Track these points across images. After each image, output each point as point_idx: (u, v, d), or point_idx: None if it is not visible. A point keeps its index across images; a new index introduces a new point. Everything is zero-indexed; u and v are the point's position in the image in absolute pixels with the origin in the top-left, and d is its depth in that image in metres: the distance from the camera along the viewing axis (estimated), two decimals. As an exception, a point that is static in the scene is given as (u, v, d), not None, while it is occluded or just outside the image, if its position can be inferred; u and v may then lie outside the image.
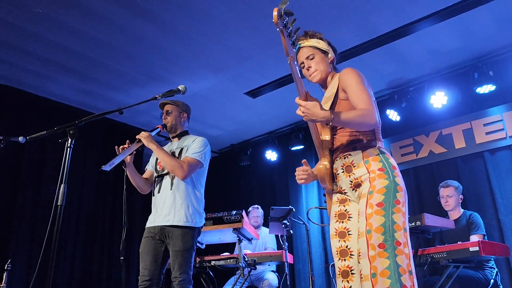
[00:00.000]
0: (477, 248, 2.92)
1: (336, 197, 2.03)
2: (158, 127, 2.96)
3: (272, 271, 4.77)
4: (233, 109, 5.59)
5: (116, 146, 2.74)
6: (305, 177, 2.07)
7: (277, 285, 4.55)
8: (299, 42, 2.09)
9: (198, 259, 4.01)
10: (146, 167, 3.17)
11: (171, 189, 2.85)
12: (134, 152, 2.82)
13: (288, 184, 6.19)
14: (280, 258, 3.95)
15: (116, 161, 2.61)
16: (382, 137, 2.00)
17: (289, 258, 4.13)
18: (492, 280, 3.36)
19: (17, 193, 4.54)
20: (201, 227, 2.93)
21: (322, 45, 2.09)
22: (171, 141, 3.14)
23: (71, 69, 4.46)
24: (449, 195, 3.88)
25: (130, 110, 5.20)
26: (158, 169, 3.01)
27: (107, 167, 2.53)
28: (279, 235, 4.22)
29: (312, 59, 2.07)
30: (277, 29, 1.63)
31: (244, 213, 3.76)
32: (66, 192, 1.83)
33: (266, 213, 4.81)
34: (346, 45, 4.23)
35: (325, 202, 2.16)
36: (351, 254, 1.89)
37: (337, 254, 1.92)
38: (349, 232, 1.92)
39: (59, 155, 1.90)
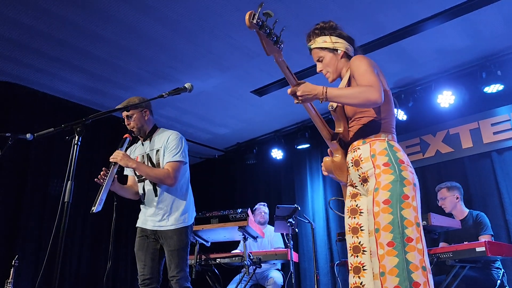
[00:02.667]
0: (483, 249, 2.90)
1: (348, 191, 2.01)
2: (126, 137, 2.79)
3: (277, 269, 4.77)
4: (239, 108, 5.59)
5: (95, 179, 2.65)
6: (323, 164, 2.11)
7: (282, 284, 4.55)
8: (308, 44, 2.10)
9: (203, 257, 4.02)
10: (126, 172, 3.07)
11: (156, 195, 2.80)
12: (116, 176, 2.72)
13: (294, 182, 6.18)
14: (286, 257, 3.95)
15: (103, 196, 2.57)
16: (394, 131, 1.95)
17: (295, 257, 4.13)
18: (498, 281, 3.34)
19: (25, 190, 4.58)
20: (193, 222, 2.91)
21: (329, 43, 2.04)
22: (142, 143, 2.99)
23: (78, 67, 4.49)
24: (442, 198, 3.85)
25: (136, 108, 5.25)
26: (137, 173, 2.92)
27: (98, 208, 2.51)
28: (285, 234, 4.23)
29: (321, 61, 2.07)
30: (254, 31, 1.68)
31: (249, 211, 3.76)
32: (73, 189, 1.85)
33: (272, 212, 4.82)
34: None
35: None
36: (363, 251, 1.87)
37: (350, 250, 1.92)
38: (361, 228, 1.90)
39: (67, 152, 1.91)
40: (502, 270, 3.46)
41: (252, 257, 3.82)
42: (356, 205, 1.94)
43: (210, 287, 4.10)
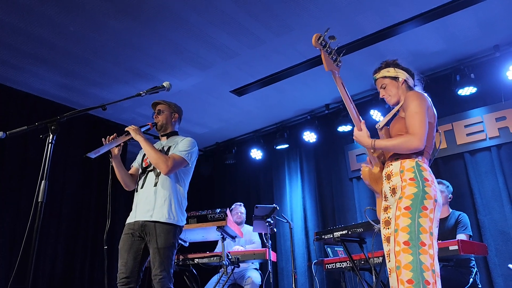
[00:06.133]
0: (456, 247, 2.97)
1: (383, 204, 2.24)
2: (148, 124, 2.97)
3: (255, 269, 4.78)
4: (218, 107, 5.58)
5: (103, 138, 2.74)
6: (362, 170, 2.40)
7: (260, 283, 4.56)
8: (373, 76, 2.45)
9: (181, 257, 3.99)
10: (132, 164, 3.15)
11: (155, 186, 2.83)
12: (122, 144, 2.83)
13: (273, 182, 6.21)
14: (264, 256, 3.97)
15: (102, 150, 2.63)
16: (429, 155, 2.18)
17: (273, 256, 4.15)
18: (471, 279, 3.43)
19: (-2, 189, 4.47)
20: (183, 226, 2.91)
21: (392, 72, 2.37)
22: (160, 140, 3.13)
23: (53, 64, 4.39)
24: None
25: (113, 107, 5.18)
26: (143, 165, 2.99)
27: (92, 154, 2.56)
28: (263, 233, 4.24)
29: (384, 88, 2.37)
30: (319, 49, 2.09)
31: (228, 211, 3.76)
32: (47, 189, 1.81)
33: (250, 212, 4.82)
34: (331, 45, 4.25)
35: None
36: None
37: (387, 256, 2.13)
38: None
39: (41, 151, 1.87)
40: (476, 269, 3.55)
41: (230, 257, 3.82)
42: (388, 217, 2.16)
43: (188, 287, 4.07)
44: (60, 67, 4.46)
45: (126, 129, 2.82)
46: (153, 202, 2.78)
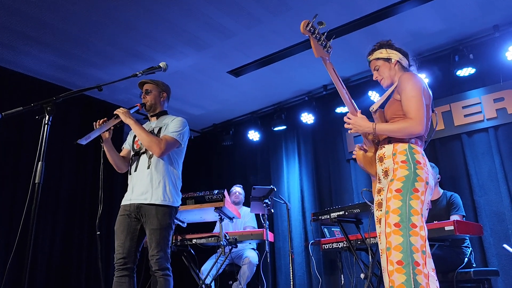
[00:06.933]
0: (452, 227, 3.00)
1: (376, 187, 2.27)
2: (137, 105, 2.93)
3: (253, 249, 4.83)
4: (215, 88, 5.53)
5: (94, 122, 2.73)
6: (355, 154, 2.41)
7: (258, 263, 4.62)
8: (367, 58, 2.43)
9: (179, 238, 4.02)
10: (123, 145, 3.13)
11: (148, 168, 2.82)
12: (112, 128, 2.80)
13: (270, 164, 6.22)
14: (261, 237, 4.00)
15: (92, 135, 2.61)
16: (422, 137, 2.17)
17: (270, 237, 4.18)
18: (466, 259, 3.47)
19: (-6, 171, 4.45)
20: (178, 206, 2.92)
21: (384, 54, 2.34)
22: (149, 120, 3.10)
23: (47, 44, 4.33)
24: None
25: (109, 87, 5.14)
26: (135, 147, 2.98)
27: (83, 141, 2.56)
28: (260, 214, 4.27)
29: (377, 69, 2.36)
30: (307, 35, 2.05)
31: (226, 193, 3.77)
32: (44, 170, 1.80)
33: (248, 193, 4.84)
34: (330, 25, 4.19)
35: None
36: None
37: (379, 238, 2.14)
38: None
39: (37, 132, 1.86)
40: (470, 248, 3.60)
41: (228, 237, 3.85)
42: (381, 199, 2.17)
43: (186, 267, 4.12)
44: (55, 47, 4.39)
45: (115, 112, 2.78)
46: (147, 184, 2.78)
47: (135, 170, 2.88)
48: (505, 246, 3.51)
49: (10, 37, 4.17)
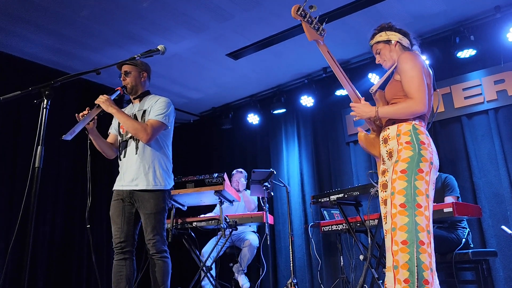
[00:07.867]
0: (451, 209, 3.02)
1: (380, 168, 2.28)
2: (117, 89, 2.84)
3: (253, 231, 4.86)
4: (214, 71, 5.49)
5: (76, 114, 2.66)
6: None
7: (258, 245, 4.66)
8: (369, 43, 2.42)
9: (180, 221, 4.04)
10: (110, 130, 3.08)
11: (136, 153, 2.80)
12: (96, 117, 2.74)
13: (270, 147, 6.22)
14: (261, 219, 4.03)
15: (77, 129, 2.56)
16: (425, 117, 2.18)
17: (270, 219, 4.21)
18: (464, 240, 3.50)
19: (-7, 156, 4.44)
20: (171, 188, 2.92)
21: (383, 36, 2.34)
22: (132, 103, 3.03)
23: (44, 27, 4.27)
24: None
25: (107, 71, 4.96)
26: (121, 132, 2.94)
27: (68, 136, 2.51)
28: (260, 197, 4.28)
29: (379, 53, 2.35)
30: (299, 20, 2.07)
31: (225, 176, 3.78)
32: (43, 154, 1.80)
33: (248, 176, 4.85)
34: (330, 7, 4.16)
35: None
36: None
37: (384, 218, 2.16)
38: None
39: (36, 116, 1.85)
40: (468, 229, 3.62)
41: (228, 220, 3.87)
42: (386, 180, 2.19)
43: (187, 250, 4.15)
44: (52, 30, 4.34)
45: (96, 101, 2.69)
46: (137, 170, 2.76)
47: (124, 156, 2.86)
48: (504, 227, 3.54)
49: (6, 21, 4.11)
